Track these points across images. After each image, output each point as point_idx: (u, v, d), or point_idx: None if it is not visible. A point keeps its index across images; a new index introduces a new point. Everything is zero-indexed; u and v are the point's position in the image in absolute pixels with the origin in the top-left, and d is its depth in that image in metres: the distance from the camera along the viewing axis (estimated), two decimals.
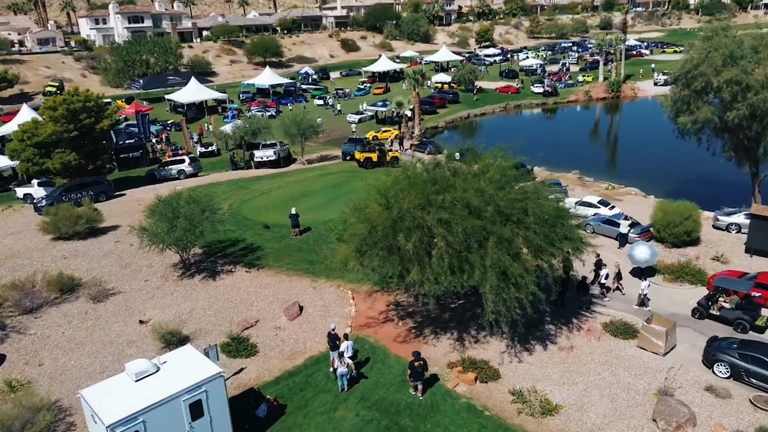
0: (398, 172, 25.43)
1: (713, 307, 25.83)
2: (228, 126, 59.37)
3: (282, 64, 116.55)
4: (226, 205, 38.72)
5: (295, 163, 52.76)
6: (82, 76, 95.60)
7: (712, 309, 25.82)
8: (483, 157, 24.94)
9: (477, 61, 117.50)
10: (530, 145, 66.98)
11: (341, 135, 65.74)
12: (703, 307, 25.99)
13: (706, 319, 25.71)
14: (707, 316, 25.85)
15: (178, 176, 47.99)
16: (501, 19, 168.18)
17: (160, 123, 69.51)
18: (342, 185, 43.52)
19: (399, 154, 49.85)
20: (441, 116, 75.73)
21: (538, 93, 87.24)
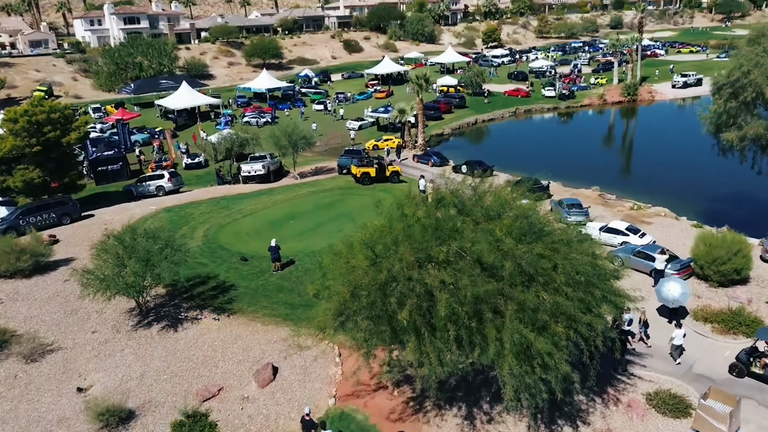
0: (391, 209, 20.37)
1: (755, 364, 20.88)
2: (214, 136, 54.71)
3: (282, 66, 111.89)
4: (202, 231, 33.98)
5: (287, 176, 47.98)
6: (73, 79, 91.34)
7: (755, 366, 20.87)
8: (499, 191, 19.76)
9: (484, 62, 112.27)
10: (544, 155, 62.64)
11: (340, 144, 60.86)
12: (742, 363, 21.07)
13: (746, 377, 20.85)
14: (748, 373, 20.95)
15: (157, 193, 43.34)
16: (508, 18, 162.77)
17: (147, 131, 64.94)
18: (335, 205, 38.69)
19: (400, 169, 44.95)
20: (446, 122, 70.73)
21: (550, 97, 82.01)
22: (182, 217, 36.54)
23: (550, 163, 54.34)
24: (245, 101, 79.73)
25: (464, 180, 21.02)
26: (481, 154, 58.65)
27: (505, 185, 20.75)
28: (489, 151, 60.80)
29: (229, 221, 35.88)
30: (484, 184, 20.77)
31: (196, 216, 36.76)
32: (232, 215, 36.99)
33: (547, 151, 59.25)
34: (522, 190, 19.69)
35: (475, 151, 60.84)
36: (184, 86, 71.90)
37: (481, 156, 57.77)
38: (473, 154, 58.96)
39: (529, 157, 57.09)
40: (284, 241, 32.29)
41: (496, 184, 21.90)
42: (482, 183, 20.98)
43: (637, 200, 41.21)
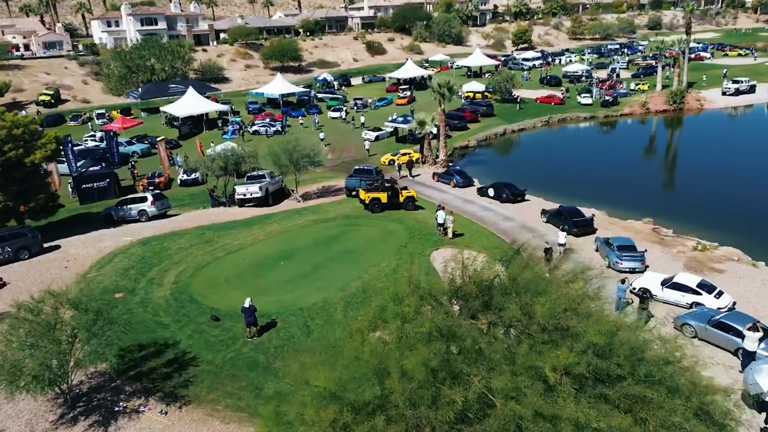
0: (385, 301, 13.92)
1: None
2: (216, 148, 49.10)
3: (301, 69, 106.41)
4: (174, 275, 28.11)
5: (288, 198, 41.97)
6: (83, 83, 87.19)
7: None
8: (554, 288, 13.14)
9: (514, 65, 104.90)
10: (582, 173, 51.80)
11: (353, 158, 54.71)
12: None
13: None
14: None
15: (139, 218, 37.77)
16: (540, 19, 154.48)
17: (148, 140, 59.75)
18: (338, 239, 32.47)
19: (415, 193, 38.47)
20: (472, 133, 63.93)
21: (586, 104, 74.41)
22: (156, 254, 30.79)
23: (590, 184, 47.29)
24: (257, 108, 74.18)
25: (489, 266, 14.21)
26: (510, 172, 51.77)
27: (567, 275, 13.86)
28: (519, 167, 53.86)
29: (209, 260, 29.95)
30: (524, 264, 14.07)
31: (172, 252, 30.95)
32: (214, 252, 31.06)
33: (586, 168, 52.04)
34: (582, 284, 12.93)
35: (504, 168, 53.96)
36: (191, 92, 66.67)
37: (511, 174, 50.92)
38: (501, 172, 52.14)
39: (565, 175, 50.02)
40: (269, 291, 26.25)
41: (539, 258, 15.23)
42: (520, 262, 14.29)
43: (700, 237, 34.01)
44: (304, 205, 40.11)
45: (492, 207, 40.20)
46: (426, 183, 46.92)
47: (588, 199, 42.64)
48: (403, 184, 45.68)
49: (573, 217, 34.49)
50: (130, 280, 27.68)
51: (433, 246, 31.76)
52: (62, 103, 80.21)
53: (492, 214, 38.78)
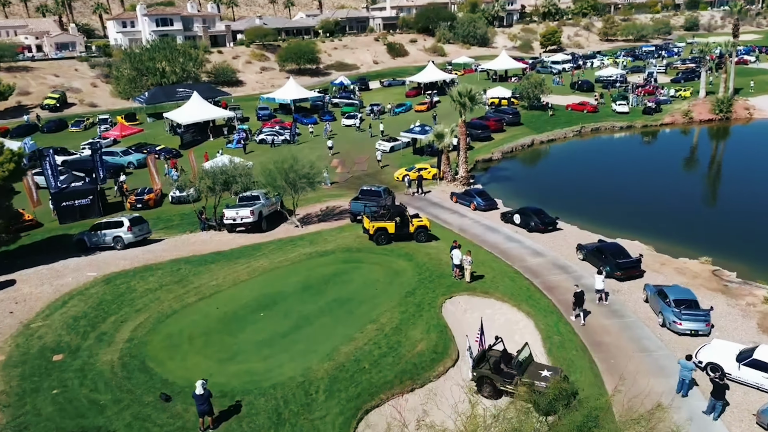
0: None
1: None
2: (212, 162, 44.30)
3: (318, 72, 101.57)
4: (129, 330, 23.09)
5: (286, 222, 36.75)
6: (92, 86, 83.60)
7: None
8: None
9: (542, 68, 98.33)
10: (622, 195, 43.94)
11: (365, 172, 49.39)
12: None
13: None
14: None
15: (114, 245, 32.99)
16: (569, 19, 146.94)
17: (146, 150, 55.25)
18: (333, 282, 27.07)
19: (428, 222, 32.83)
20: (496, 144, 57.99)
21: (622, 112, 67.78)
22: (118, 297, 25.88)
23: (631, 207, 41.02)
24: (267, 114, 69.32)
25: None
26: (538, 191, 45.88)
27: None
28: (549, 185, 47.79)
29: (176, 308, 24.87)
30: None
31: (137, 295, 25.98)
32: (185, 296, 25.97)
33: (625, 188, 45.66)
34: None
35: (531, 186, 47.97)
36: (195, 97, 62.04)
37: (539, 193, 45.11)
38: (528, 190, 46.27)
39: (602, 197, 43.79)
40: (239, 356, 21.06)
41: None
42: None
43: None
44: (301, 232, 34.84)
45: (518, 237, 34.41)
46: (443, 204, 41.30)
47: (629, 228, 36.64)
48: (417, 204, 40.35)
49: (616, 258, 28.54)
50: (77, 334, 22.76)
51: (446, 292, 26.19)
52: (68, 106, 76.60)
53: (518, 246, 33.02)
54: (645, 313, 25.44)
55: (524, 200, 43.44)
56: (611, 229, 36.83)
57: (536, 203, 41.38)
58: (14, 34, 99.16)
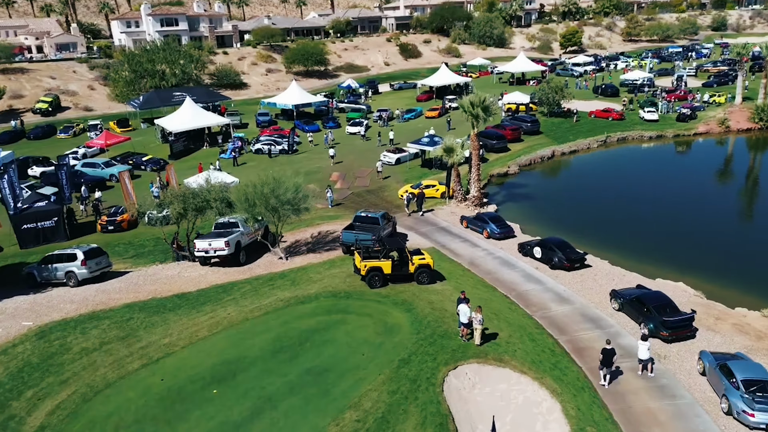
0: None
1: None
2: (193, 179, 39.41)
3: (327, 74, 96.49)
4: (47, 410, 18.10)
5: (270, 251, 31.57)
6: (89, 88, 79.35)
7: None
8: None
9: (563, 71, 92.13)
10: (660, 219, 36.74)
11: (366, 187, 44.12)
12: None
13: None
14: None
15: (67, 281, 28.16)
16: (590, 19, 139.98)
17: (133, 160, 50.57)
18: (311, 341, 21.79)
19: (431, 260, 27.32)
20: (513, 156, 52.31)
21: (651, 120, 61.61)
22: (48, 359, 20.97)
23: (670, 236, 35.17)
24: (267, 120, 64.30)
25: None
26: (560, 212, 40.16)
27: None
28: (572, 205, 42.02)
29: (112, 378, 19.82)
30: None
31: (70, 357, 21.04)
32: (128, 360, 20.91)
33: (661, 210, 39.65)
34: None
35: (553, 206, 42.23)
36: (188, 102, 57.21)
37: (563, 215, 39.50)
38: (549, 212, 40.59)
39: (636, 222, 37.76)
40: None
41: None
42: None
43: None
44: (284, 267, 29.62)
45: (539, 276, 28.88)
46: (451, 229, 35.86)
47: (670, 263, 31.00)
48: (421, 229, 34.91)
49: (663, 313, 22.88)
50: None
51: (450, 359, 20.81)
52: (62, 110, 72.44)
53: (539, 288, 27.49)
54: (702, 391, 19.87)
55: (544, 224, 37.97)
56: (648, 264, 31.21)
57: (558, 227, 36.08)
58: (14, 34, 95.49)
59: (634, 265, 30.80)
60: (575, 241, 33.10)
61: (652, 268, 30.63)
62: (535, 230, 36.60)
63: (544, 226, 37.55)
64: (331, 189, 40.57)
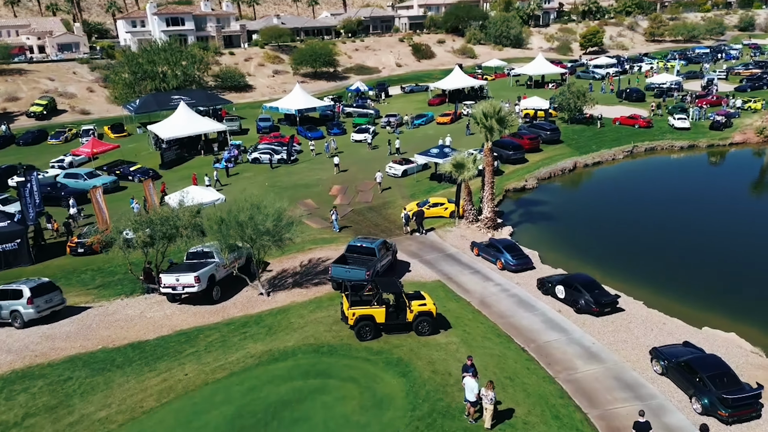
0: None
1: None
2: (175, 195, 35.29)
3: (336, 76, 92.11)
4: None
5: (251, 284, 27.23)
6: (88, 90, 75.95)
7: None
8: None
9: (584, 73, 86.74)
10: (704, 249, 29.78)
11: (369, 204, 39.66)
12: None
13: None
14: None
15: (12, 321, 24.14)
16: (612, 18, 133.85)
17: (120, 170, 46.68)
18: (279, 420, 17.40)
19: (433, 306, 22.67)
20: (531, 167, 47.51)
21: (682, 128, 56.31)
22: None
23: (715, 269, 30.17)
24: (269, 126, 60.10)
25: None
26: (585, 236, 35.34)
27: None
28: (599, 227, 37.02)
29: None
30: None
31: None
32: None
33: (702, 236, 34.56)
34: None
35: (576, 228, 37.29)
36: (182, 107, 53.25)
37: (587, 238, 34.73)
38: (572, 236, 35.77)
39: (673, 249, 32.70)
40: None
41: None
42: None
43: None
44: (263, 306, 25.28)
45: (562, 322, 24.22)
46: (460, 257, 31.27)
47: (717, 305, 26.21)
48: (426, 255, 30.32)
49: (720, 386, 18.13)
50: None
51: None
52: (57, 114, 69.01)
53: (563, 339, 22.84)
54: None
55: (566, 250, 33.23)
56: (691, 305, 26.50)
57: (581, 255, 31.57)
58: (16, 33, 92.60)
59: (674, 306, 26.07)
60: (602, 272, 28.60)
61: (696, 312, 25.86)
62: (556, 258, 31.89)
63: (566, 254, 32.83)
64: (337, 211, 35.71)
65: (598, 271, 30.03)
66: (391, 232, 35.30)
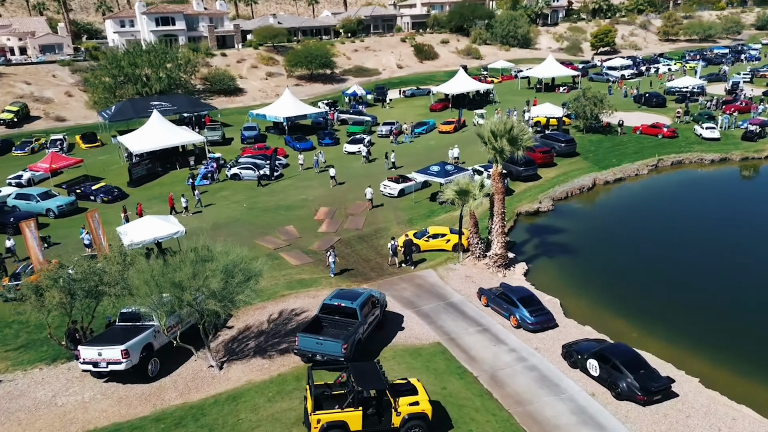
0: None
1: None
2: (127, 225, 29.51)
3: (333, 78, 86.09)
4: None
5: (199, 352, 21.31)
6: (66, 95, 70.21)
7: None
8: None
9: (597, 75, 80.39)
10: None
11: (360, 232, 33.72)
12: None
13: None
14: None
15: None
16: (623, 16, 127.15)
17: (81, 189, 40.90)
18: None
19: (428, 406, 16.66)
20: (545, 185, 41.48)
21: (711, 138, 50.12)
22: None
23: None
24: (254, 135, 54.15)
25: None
26: (616, 279, 29.09)
27: None
28: (631, 264, 30.74)
29: None
30: None
31: None
32: None
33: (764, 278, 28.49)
34: None
35: (604, 265, 31.06)
36: (155, 117, 47.46)
37: (621, 282, 28.49)
38: (601, 279, 29.60)
39: (730, 294, 26.65)
40: None
41: None
42: None
43: None
44: (209, 389, 19.40)
45: (598, 414, 18.29)
46: (465, 308, 25.32)
47: None
48: (423, 304, 24.28)
49: None
50: None
51: None
52: (30, 121, 63.35)
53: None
54: None
55: (593, 295, 27.28)
56: (764, 380, 20.43)
57: (614, 305, 25.60)
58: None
59: (742, 384, 20.07)
60: (641, 327, 23.05)
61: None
62: (582, 307, 25.97)
63: (593, 301, 26.88)
64: (335, 252, 28.71)
65: (636, 326, 24.21)
66: (383, 270, 29.40)
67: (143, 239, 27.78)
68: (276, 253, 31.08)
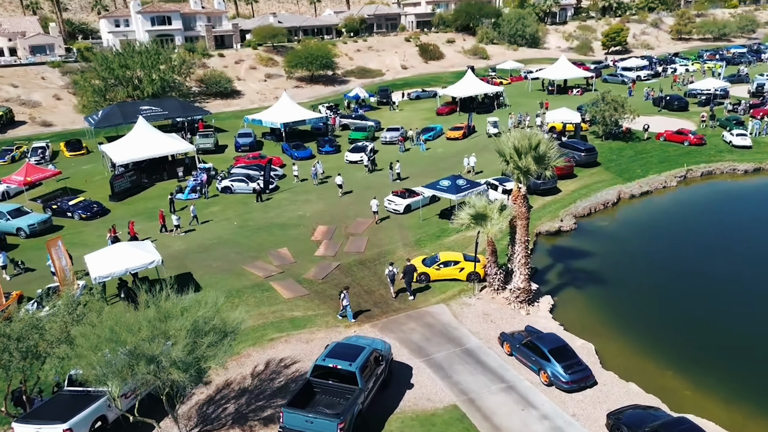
0: None
1: None
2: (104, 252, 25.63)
3: (335, 80, 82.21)
4: None
5: (158, 429, 17.43)
6: (55, 98, 66.57)
7: None
8: None
9: (610, 76, 76.15)
10: None
11: (361, 255, 29.75)
12: None
13: None
14: None
15: None
16: (634, 14, 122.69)
17: (57, 204, 37.03)
18: None
19: None
20: (565, 200, 37.47)
21: (742, 146, 45.98)
22: None
23: None
24: (249, 143, 50.20)
25: None
26: (658, 312, 24.99)
27: None
28: (674, 292, 26.70)
29: None
30: None
31: None
32: None
33: None
34: None
35: (641, 295, 26.95)
36: (140, 124, 43.60)
37: (666, 317, 24.41)
38: (640, 312, 25.50)
39: None
40: None
41: None
42: None
43: None
44: None
45: None
46: (484, 357, 21.37)
47: None
48: (435, 356, 20.29)
49: None
50: None
51: None
52: (15, 126, 59.65)
53: None
54: None
55: (632, 335, 23.31)
56: None
57: (660, 350, 21.66)
58: None
59: None
60: (692, 379, 18.88)
61: None
62: (621, 353, 22.04)
63: (633, 342, 22.93)
64: (347, 294, 23.65)
65: (688, 378, 20.18)
66: (387, 306, 25.42)
67: (112, 271, 23.95)
68: (266, 283, 27.23)
